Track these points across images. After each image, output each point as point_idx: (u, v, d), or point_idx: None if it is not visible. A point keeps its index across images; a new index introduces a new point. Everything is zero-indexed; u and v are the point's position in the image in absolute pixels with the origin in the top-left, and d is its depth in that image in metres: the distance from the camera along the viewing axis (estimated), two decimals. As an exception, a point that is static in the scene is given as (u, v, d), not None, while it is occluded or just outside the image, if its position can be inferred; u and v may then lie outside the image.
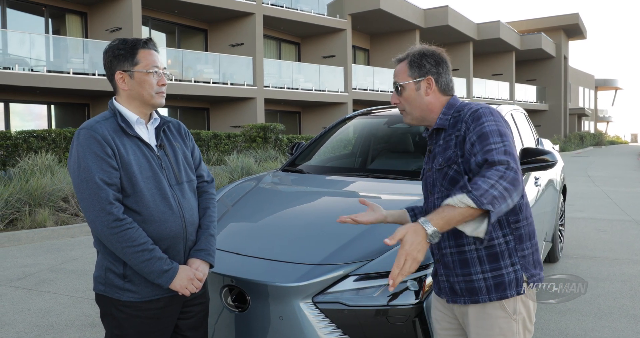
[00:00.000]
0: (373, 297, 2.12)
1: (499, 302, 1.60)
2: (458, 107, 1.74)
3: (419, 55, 1.75)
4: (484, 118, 1.61)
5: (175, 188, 1.84)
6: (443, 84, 1.75)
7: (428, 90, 1.74)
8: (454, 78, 21.14)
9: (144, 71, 1.78)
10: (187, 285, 1.78)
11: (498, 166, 1.47)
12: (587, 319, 3.67)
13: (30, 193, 6.87)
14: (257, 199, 3.05)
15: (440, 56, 1.76)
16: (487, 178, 1.44)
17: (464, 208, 1.40)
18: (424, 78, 1.73)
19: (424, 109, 1.75)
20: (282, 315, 2.13)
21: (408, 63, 1.75)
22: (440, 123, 1.72)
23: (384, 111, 4.31)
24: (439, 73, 1.74)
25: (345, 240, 2.33)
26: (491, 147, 1.53)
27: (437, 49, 1.78)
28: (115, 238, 1.68)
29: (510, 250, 1.62)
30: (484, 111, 1.63)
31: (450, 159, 1.64)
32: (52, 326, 3.61)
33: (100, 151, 1.69)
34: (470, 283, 1.64)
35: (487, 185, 1.42)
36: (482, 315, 1.62)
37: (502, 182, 1.44)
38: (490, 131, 1.57)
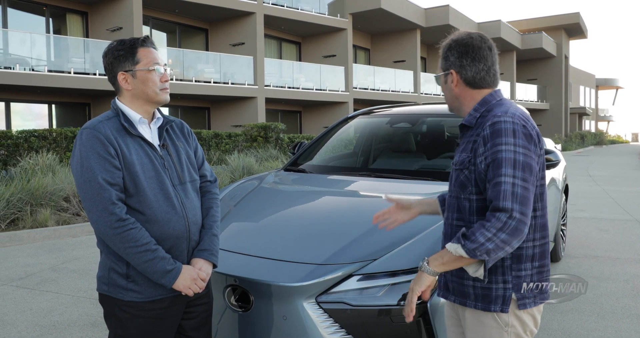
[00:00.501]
0: (377, 296, 2.12)
1: (492, 313, 1.57)
2: (491, 106, 1.62)
3: (447, 46, 1.68)
4: (503, 139, 1.47)
5: (178, 187, 1.83)
6: (469, 77, 1.63)
7: (452, 83, 1.67)
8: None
9: (146, 68, 1.77)
10: (191, 285, 1.77)
11: (500, 215, 1.41)
12: (589, 319, 3.66)
13: (31, 192, 6.87)
14: (259, 198, 3.05)
15: (467, 46, 1.63)
16: (486, 229, 1.42)
17: (458, 256, 1.46)
18: (448, 71, 1.67)
19: (455, 102, 1.69)
20: (285, 315, 2.13)
21: (440, 54, 1.71)
22: (467, 120, 1.64)
23: (385, 110, 4.31)
24: (462, 66, 1.63)
25: (348, 240, 2.32)
26: (500, 180, 1.44)
27: (468, 37, 1.65)
28: (118, 238, 1.67)
29: (505, 267, 1.55)
30: (505, 127, 1.48)
31: (464, 163, 1.59)
32: (54, 326, 3.61)
33: (103, 151, 1.69)
34: (461, 286, 1.63)
35: (484, 238, 1.42)
36: (477, 322, 1.61)
37: (501, 234, 1.41)
38: (504, 160, 1.45)
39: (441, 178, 3.14)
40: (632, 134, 70.94)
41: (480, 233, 1.42)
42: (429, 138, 3.92)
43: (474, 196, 1.56)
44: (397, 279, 2.14)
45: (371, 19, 21.97)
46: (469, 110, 1.67)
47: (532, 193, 1.47)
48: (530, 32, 33.88)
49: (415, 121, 3.91)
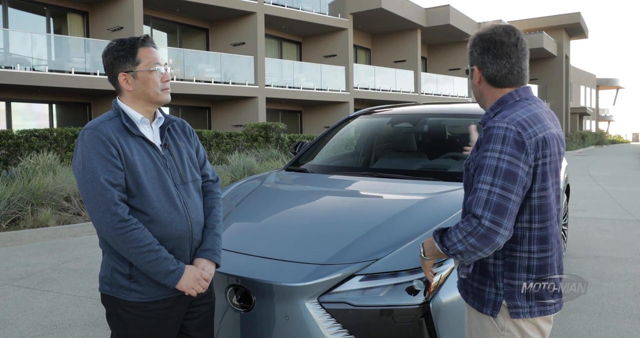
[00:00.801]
0: (379, 296, 2.11)
1: (487, 316, 1.56)
2: (505, 106, 1.57)
3: (472, 41, 1.62)
4: (491, 145, 1.44)
5: (181, 187, 1.83)
6: (490, 74, 1.57)
7: (476, 80, 1.62)
8: (455, 77, 20.81)
9: (147, 69, 1.77)
10: (194, 285, 1.77)
11: (472, 220, 1.41)
12: (591, 319, 3.65)
13: (32, 192, 6.87)
14: (261, 198, 3.04)
15: (490, 42, 1.56)
16: (459, 230, 1.44)
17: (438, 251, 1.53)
18: (471, 67, 1.62)
19: (480, 98, 1.66)
20: (287, 315, 2.12)
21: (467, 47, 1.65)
22: (482, 119, 1.61)
23: (387, 110, 4.31)
24: (483, 62, 1.57)
25: (350, 240, 2.32)
26: (477, 186, 1.42)
27: (491, 31, 1.57)
28: (120, 239, 1.67)
29: (497, 274, 1.54)
30: (497, 133, 1.44)
31: (469, 164, 1.57)
32: (55, 325, 3.60)
33: (105, 151, 1.68)
34: (464, 283, 1.66)
35: (456, 239, 1.44)
36: (477, 322, 1.61)
37: (470, 239, 1.41)
38: (486, 166, 1.42)
39: (443, 178, 3.14)
40: (632, 134, 70.94)
41: (454, 233, 1.45)
42: (430, 137, 3.92)
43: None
44: (400, 279, 2.13)
45: (372, 18, 21.96)
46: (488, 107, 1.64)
47: (513, 202, 1.41)
48: (531, 32, 33.85)
49: (417, 120, 3.91)
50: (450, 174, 3.24)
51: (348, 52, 20.74)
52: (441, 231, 1.52)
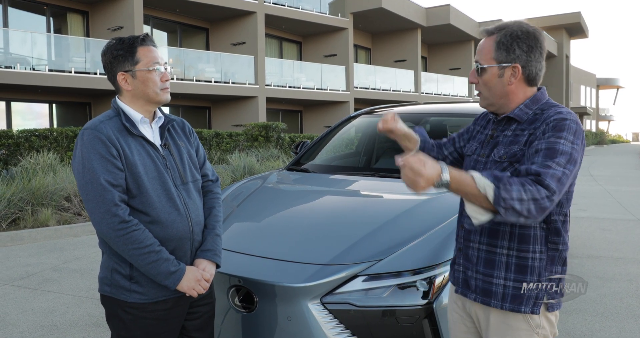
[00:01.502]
0: (382, 297, 2.10)
1: (523, 314, 1.53)
2: (543, 105, 1.55)
3: (510, 36, 1.51)
4: (564, 133, 1.43)
5: (181, 188, 1.81)
6: (532, 74, 1.53)
7: (512, 79, 1.53)
8: (456, 77, 20.84)
9: (146, 69, 1.74)
10: (195, 286, 1.75)
11: (541, 189, 1.34)
12: (594, 319, 3.64)
13: (32, 192, 6.85)
14: (263, 198, 3.03)
15: (536, 40, 1.51)
16: (525, 191, 1.32)
17: (479, 192, 1.33)
18: (510, 65, 1.52)
19: (503, 98, 1.57)
20: (290, 316, 2.11)
21: (496, 42, 1.53)
22: (517, 114, 1.55)
23: (388, 109, 4.29)
24: (529, 61, 1.51)
25: (353, 240, 2.30)
26: (550, 164, 1.38)
27: (535, 29, 1.52)
28: (121, 240, 1.65)
29: (541, 268, 1.52)
30: (570, 125, 1.45)
31: (515, 156, 1.51)
32: (55, 326, 3.59)
33: (105, 151, 1.66)
34: (488, 285, 1.57)
35: (518, 195, 1.32)
36: (504, 325, 1.55)
37: (532, 205, 1.32)
38: (561, 151, 1.40)
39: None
40: (632, 133, 70.96)
41: (518, 189, 1.32)
42: (432, 137, 3.90)
43: None
44: (403, 280, 2.12)
45: (372, 18, 21.95)
46: (513, 106, 1.57)
47: (569, 185, 1.46)
48: (531, 31, 33.75)
49: (419, 120, 3.89)
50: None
51: (348, 52, 20.72)
52: (496, 175, 1.36)
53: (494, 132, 1.63)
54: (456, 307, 1.74)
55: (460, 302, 1.72)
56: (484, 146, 1.65)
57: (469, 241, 1.62)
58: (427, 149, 1.86)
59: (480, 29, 1.62)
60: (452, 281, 1.74)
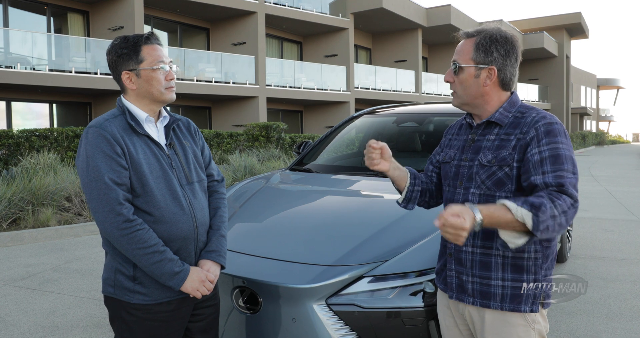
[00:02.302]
0: (388, 298, 2.08)
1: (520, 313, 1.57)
2: (521, 107, 1.62)
3: (489, 38, 1.57)
4: (560, 138, 1.51)
5: (186, 187, 1.79)
6: (506, 78, 1.59)
7: (487, 80, 1.58)
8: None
9: (150, 68, 1.72)
10: (199, 287, 1.73)
11: (566, 199, 1.41)
12: (598, 321, 3.62)
13: (33, 192, 6.83)
14: (266, 198, 3.01)
15: (513, 46, 1.58)
16: (555, 206, 1.38)
17: (517, 221, 1.38)
18: (486, 66, 1.57)
19: (478, 98, 1.62)
20: (295, 317, 2.09)
21: (475, 43, 1.58)
22: (498, 118, 1.60)
23: (391, 109, 4.27)
24: (505, 65, 1.58)
25: (358, 241, 2.28)
26: (563, 174, 1.45)
27: (512, 36, 1.59)
28: (125, 240, 1.63)
29: (537, 266, 1.56)
30: (559, 129, 1.53)
31: (504, 160, 1.55)
32: (57, 327, 3.57)
33: (110, 150, 1.64)
34: (486, 287, 1.59)
35: (551, 213, 1.37)
36: (500, 322, 1.57)
37: (563, 218, 1.39)
38: (565, 156, 1.48)
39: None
40: (632, 134, 70.93)
41: (551, 207, 1.37)
42: (435, 137, 3.88)
43: (512, 194, 1.55)
44: (409, 281, 2.10)
45: (372, 18, 21.93)
46: (491, 109, 1.63)
47: None
48: (532, 31, 33.84)
49: (422, 120, 3.87)
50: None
51: (349, 52, 20.71)
52: (531, 202, 1.39)
53: (474, 136, 1.66)
54: (449, 312, 1.74)
55: (453, 306, 1.72)
56: (465, 151, 1.67)
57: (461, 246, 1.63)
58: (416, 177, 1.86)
59: (459, 32, 1.65)
60: (443, 288, 1.73)
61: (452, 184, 1.70)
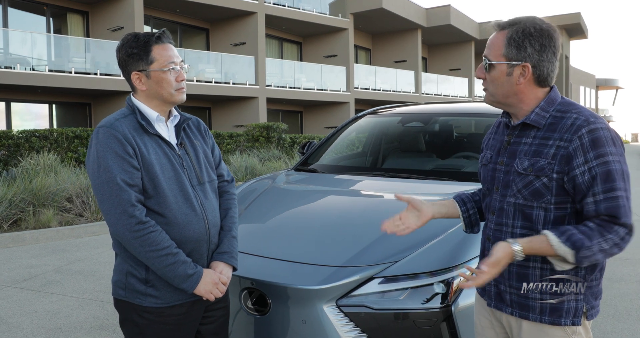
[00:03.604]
0: (399, 300, 2.05)
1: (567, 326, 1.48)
2: (560, 105, 1.47)
3: (523, 32, 1.42)
4: (608, 149, 1.37)
5: (197, 188, 1.76)
6: (542, 74, 1.45)
7: (521, 78, 1.44)
8: (456, 78, 20.76)
9: (161, 69, 1.68)
10: (212, 290, 1.70)
11: (619, 229, 1.35)
12: (605, 321, 3.60)
13: (34, 193, 6.79)
14: (273, 199, 2.98)
15: (550, 38, 1.43)
16: (605, 241, 1.34)
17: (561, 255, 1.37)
18: (520, 63, 1.43)
19: (511, 97, 1.48)
20: (304, 319, 2.06)
21: (507, 38, 1.44)
22: (535, 120, 1.46)
23: (395, 109, 4.25)
24: (541, 60, 1.43)
25: (368, 241, 2.25)
26: (616, 194, 1.35)
27: (550, 27, 1.43)
28: (137, 242, 1.59)
29: (579, 277, 1.46)
30: (606, 135, 1.38)
31: (543, 170, 1.42)
32: (60, 328, 3.54)
33: (121, 150, 1.61)
34: (524, 299, 1.51)
35: (599, 248, 1.34)
36: (538, 333, 1.50)
37: (615, 249, 1.36)
38: (616, 171, 1.36)
39: (457, 178, 3.08)
40: (632, 134, 70.97)
41: (598, 243, 1.34)
42: (442, 137, 3.86)
43: (552, 206, 1.44)
44: (420, 282, 2.07)
45: (372, 18, 21.92)
46: (527, 108, 1.49)
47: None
48: (531, 32, 33.82)
49: (428, 120, 3.85)
50: (464, 174, 3.18)
51: (349, 53, 20.69)
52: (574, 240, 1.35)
53: (510, 138, 1.54)
54: (485, 313, 1.67)
55: (485, 309, 1.66)
56: (501, 154, 1.55)
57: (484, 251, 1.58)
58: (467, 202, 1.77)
59: (491, 23, 1.51)
60: (482, 293, 1.66)
61: (489, 188, 1.60)
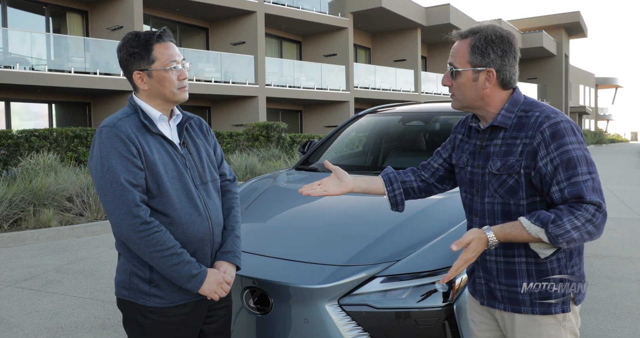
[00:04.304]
0: (401, 298, 2.05)
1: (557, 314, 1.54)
2: (523, 105, 1.55)
3: (485, 40, 1.50)
4: (568, 138, 1.44)
5: (201, 188, 1.75)
6: (506, 77, 1.53)
7: (487, 83, 1.52)
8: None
9: (163, 68, 1.67)
10: (217, 289, 1.70)
11: (588, 206, 1.38)
12: (605, 319, 3.60)
13: (34, 192, 6.79)
14: (274, 198, 2.98)
15: (510, 44, 1.51)
16: (575, 218, 1.38)
17: (534, 237, 1.41)
18: (484, 69, 1.50)
19: (478, 101, 1.56)
20: (306, 318, 2.07)
21: (470, 46, 1.51)
22: (501, 121, 1.54)
23: (396, 108, 4.25)
24: (503, 65, 1.51)
25: (370, 240, 2.26)
26: (579, 179, 1.41)
27: (508, 33, 1.51)
28: (142, 242, 1.59)
29: (562, 267, 1.53)
30: (565, 127, 1.45)
31: (513, 168, 1.50)
32: (61, 328, 3.54)
33: (125, 150, 1.60)
34: (514, 294, 1.56)
35: (571, 226, 1.37)
36: (530, 322, 1.55)
37: (588, 226, 1.38)
38: (577, 158, 1.42)
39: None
40: (631, 133, 71.01)
41: (569, 220, 1.37)
42: (443, 136, 3.85)
43: (524, 201, 1.52)
44: (422, 281, 2.07)
45: (372, 17, 21.91)
46: (494, 111, 1.56)
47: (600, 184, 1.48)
48: (531, 31, 33.86)
49: (429, 119, 3.85)
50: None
51: (348, 52, 20.69)
52: (542, 218, 1.40)
53: (482, 141, 1.61)
54: (477, 308, 1.72)
55: (477, 306, 1.70)
56: (476, 157, 1.62)
57: (485, 254, 1.61)
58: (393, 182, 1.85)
59: (453, 33, 1.60)
60: (473, 292, 1.70)
61: (469, 191, 1.66)
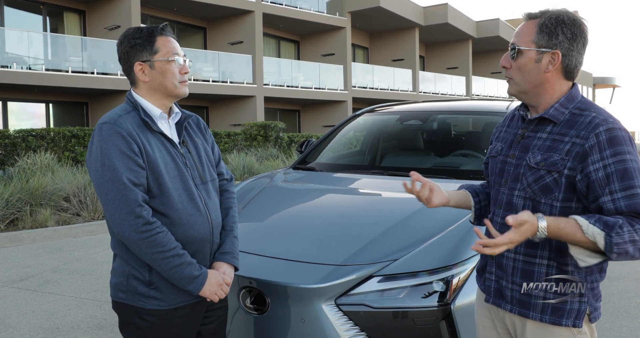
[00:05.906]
0: (398, 298, 2.04)
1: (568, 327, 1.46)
2: (580, 103, 1.45)
3: (556, 20, 1.41)
4: (625, 147, 1.36)
5: (201, 187, 1.72)
6: (571, 64, 1.43)
7: (550, 66, 1.42)
8: (453, 76, 20.81)
9: (165, 59, 1.64)
10: (217, 291, 1.67)
11: None
12: (603, 319, 3.60)
13: (31, 192, 6.77)
14: (271, 197, 2.97)
15: (581, 29, 1.41)
16: (635, 231, 1.29)
17: (588, 239, 1.30)
18: (550, 50, 1.41)
19: (537, 86, 1.45)
20: (303, 318, 2.05)
21: (538, 25, 1.42)
22: (553, 115, 1.45)
23: (394, 107, 4.24)
24: (571, 50, 1.41)
25: (367, 240, 2.25)
26: (636, 192, 1.32)
27: (583, 19, 1.43)
28: (144, 243, 1.55)
29: (581, 278, 1.44)
30: (623, 135, 1.37)
31: (555, 165, 1.41)
32: (57, 328, 3.52)
33: (126, 147, 1.55)
34: (526, 297, 1.48)
35: (630, 238, 1.29)
36: (543, 331, 1.48)
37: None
38: (634, 169, 1.34)
39: (456, 176, 3.07)
40: (630, 132, 71.25)
41: (629, 231, 1.28)
42: (440, 135, 3.85)
43: (559, 202, 1.42)
44: (419, 280, 2.06)
45: (370, 17, 21.90)
46: (549, 101, 1.47)
47: None
48: (528, 30, 33.82)
49: (426, 118, 3.84)
50: (463, 171, 3.17)
51: (346, 51, 20.67)
52: (606, 221, 1.30)
53: (525, 131, 1.52)
54: (487, 312, 1.65)
55: (492, 308, 1.63)
56: (513, 147, 1.54)
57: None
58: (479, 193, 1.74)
59: (523, 14, 1.47)
60: (482, 289, 1.64)
61: (497, 181, 1.57)
